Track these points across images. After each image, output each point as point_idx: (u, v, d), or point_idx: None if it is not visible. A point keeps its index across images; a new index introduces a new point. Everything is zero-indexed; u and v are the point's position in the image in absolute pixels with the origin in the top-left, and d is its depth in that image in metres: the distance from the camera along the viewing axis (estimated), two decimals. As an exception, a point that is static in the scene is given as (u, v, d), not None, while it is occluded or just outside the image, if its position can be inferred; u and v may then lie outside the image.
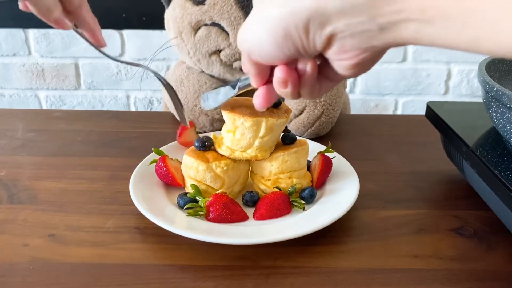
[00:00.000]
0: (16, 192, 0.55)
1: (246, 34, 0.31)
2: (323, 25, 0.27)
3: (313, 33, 0.27)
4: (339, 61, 0.29)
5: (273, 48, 0.30)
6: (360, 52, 0.28)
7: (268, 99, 0.35)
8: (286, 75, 0.32)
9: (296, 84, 0.32)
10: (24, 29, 1.23)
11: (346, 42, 0.27)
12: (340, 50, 0.28)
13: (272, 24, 0.28)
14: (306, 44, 0.28)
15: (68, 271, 0.43)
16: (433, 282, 0.42)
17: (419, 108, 1.34)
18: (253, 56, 0.32)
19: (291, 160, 0.51)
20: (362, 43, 0.27)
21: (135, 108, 1.34)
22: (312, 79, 0.32)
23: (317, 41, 0.28)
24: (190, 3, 0.69)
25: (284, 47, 0.29)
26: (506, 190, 0.42)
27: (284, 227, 0.47)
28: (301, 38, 0.28)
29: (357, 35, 0.26)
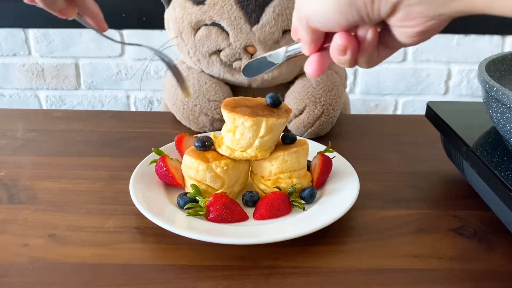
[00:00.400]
0: (16, 192, 0.55)
1: (306, 2, 0.31)
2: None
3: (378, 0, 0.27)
4: (403, 28, 0.28)
5: (336, 15, 0.29)
6: (427, 20, 0.27)
7: (322, 66, 0.34)
8: (346, 41, 0.31)
9: (355, 52, 0.32)
10: (24, 29, 1.23)
11: (413, 9, 0.26)
12: (406, 17, 0.27)
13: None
14: (370, 11, 0.28)
15: (68, 271, 0.43)
16: (433, 282, 0.42)
17: (419, 108, 1.34)
18: (312, 23, 0.31)
19: (291, 160, 0.51)
20: (430, 10, 0.26)
21: (135, 108, 1.34)
22: (372, 46, 0.31)
23: (382, 7, 0.27)
24: (190, 3, 0.69)
25: (348, 13, 0.28)
26: (506, 190, 0.42)
27: (284, 227, 0.47)
28: (366, 5, 0.27)
29: (426, 2, 0.25)
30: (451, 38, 1.25)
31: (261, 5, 0.67)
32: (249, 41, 0.68)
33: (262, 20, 0.67)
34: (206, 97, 0.70)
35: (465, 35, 1.25)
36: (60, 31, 1.23)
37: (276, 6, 0.67)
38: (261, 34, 0.68)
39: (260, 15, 0.67)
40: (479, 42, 1.26)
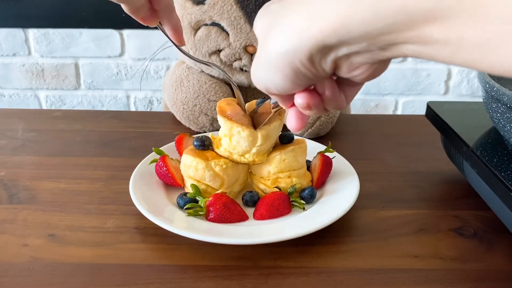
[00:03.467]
0: (16, 192, 0.55)
1: (257, 76, 0.32)
2: (326, 54, 0.27)
3: (318, 62, 0.28)
4: (352, 77, 0.30)
5: (286, 84, 0.30)
6: (369, 66, 0.28)
7: (301, 119, 0.35)
8: (307, 100, 0.32)
9: (319, 105, 0.33)
10: (24, 29, 1.23)
11: (353, 61, 0.28)
12: (349, 69, 0.29)
13: (278, 64, 0.29)
14: (315, 72, 0.29)
15: (68, 271, 0.42)
16: (433, 282, 0.42)
17: (419, 108, 1.34)
18: (271, 91, 0.32)
19: (289, 158, 0.51)
20: (368, 60, 0.27)
21: (135, 108, 1.34)
22: (334, 95, 0.32)
23: (324, 67, 0.28)
24: (190, 3, 0.69)
25: (296, 80, 0.30)
26: (506, 190, 0.42)
27: (284, 227, 0.47)
28: (309, 69, 0.28)
29: (361, 54, 0.27)
30: (451, 38, 1.25)
31: (261, 4, 0.67)
32: (249, 41, 0.68)
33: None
34: (206, 97, 0.70)
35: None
36: (60, 31, 1.23)
37: (276, 6, 0.67)
38: (261, 34, 0.67)
39: (260, 15, 0.67)
40: (479, 42, 1.25)
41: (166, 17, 0.46)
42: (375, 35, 0.24)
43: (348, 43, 0.26)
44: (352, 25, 0.24)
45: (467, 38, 0.21)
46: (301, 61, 0.28)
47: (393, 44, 0.25)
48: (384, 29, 0.24)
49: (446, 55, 0.23)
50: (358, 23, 0.24)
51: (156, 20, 0.46)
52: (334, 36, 0.25)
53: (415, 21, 0.22)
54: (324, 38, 0.26)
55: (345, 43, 0.26)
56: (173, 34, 0.47)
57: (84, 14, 1.21)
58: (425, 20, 0.22)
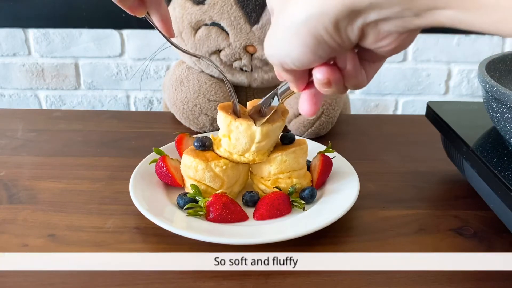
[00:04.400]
0: (16, 192, 0.55)
1: (273, 48, 0.29)
2: (354, 19, 0.25)
3: (344, 29, 0.26)
4: (378, 48, 0.28)
5: (306, 55, 0.28)
6: (397, 36, 0.26)
7: (315, 103, 0.33)
8: (327, 75, 0.29)
9: (339, 81, 0.30)
10: (24, 29, 1.23)
11: (381, 29, 0.26)
12: (377, 38, 0.27)
13: (299, 31, 0.26)
14: (340, 41, 0.27)
15: (68, 271, 0.42)
16: (433, 282, 0.42)
17: (419, 108, 1.34)
18: (287, 66, 0.30)
19: (290, 160, 0.51)
20: (398, 28, 0.25)
21: (135, 108, 1.34)
22: (355, 71, 0.30)
23: (350, 35, 0.26)
24: (190, 3, 0.69)
25: (318, 50, 0.27)
26: (506, 190, 0.42)
27: (284, 227, 0.47)
28: (333, 38, 0.26)
29: (391, 21, 0.25)
30: (452, 38, 1.25)
31: (261, 5, 0.67)
32: (249, 41, 0.68)
33: (262, 20, 0.67)
34: (206, 97, 0.70)
35: (466, 35, 1.25)
36: (60, 31, 1.23)
37: (276, 6, 0.67)
38: (261, 34, 0.68)
39: (260, 15, 0.67)
40: (479, 42, 1.26)
41: (154, 7, 0.45)
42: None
43: (380, 6, 0.24)
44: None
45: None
46: (325, 28, 0.25)
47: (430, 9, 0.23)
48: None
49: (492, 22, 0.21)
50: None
51: (144, 10, 0.45)
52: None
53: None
54: (354, 1, 0.24)
55: (377, 6, 0.24)
56: (162, 25, 0.46)
57: (84, 14, 1.20)
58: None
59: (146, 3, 0.45)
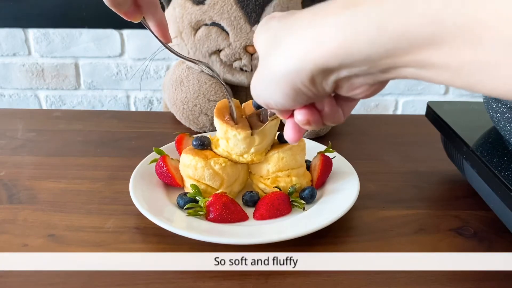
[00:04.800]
0: (16, 192, 0.55)
1: (258, 91, 0.32)
2: (327, 75, 0.28)
3: (319, 83, 0.28)
4: (352, 95, 0.30)
5: (287, 101, 0.31)
6: (369, 86, 0.29)
7: (298, 131, 0.36)
8: (306, 116, 0.32)
9: (318, 120, 0.33)
10: (24, 29, 1.23)
11: (353, 82, 0.28)
12: (350, 88, 0.29)
13: (279, 83, 0.29)
14: (316, 92, 0.29)
15: (68, 271, 0.42)
16: (433, 282, 0.42)
17: (419, 108, 1.34)
18: (271, 107, 0.33)
19: (287, 157, 0.51)
20: (368, 81, 0.28)
21: (135, 108, 1.34)
22: (332, 112, 0.33)
23: (326, 87, 0.29)
24: (190, 2, 0.69)
25: (297, 98, 0.30)
26: (506, 190, 0.42)
27: (284, 227, 0.47)
28: (310, 90, 0.29)
29: (361, 77, 0.27)
30: (451, 38, 1.25)
31: (261, 5, 0.67)
32: (249, 41, 0.68)
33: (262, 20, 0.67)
34: (206, 97, 0.70)
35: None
36: (60, 31, 1.23)
37: (276, 6, 0.67)
38: (261, 34, 0.67)
39: (260, 15, 0.67)
40: (479, 42, 1.25)
41: (150, 13, 0.45)
42: (376, 59, 0.25)
43: (349, 66, 0.26)
44: (353, 49, 0.25)
45: (466, 63, 0.22)
46: (302, 82, 0.28)
47: (393, 68, 0.25)
48: (384, 53, 0.24)
49: (445, 78, 0.24)
50: (359, 47, 0.24)
51: (139, 16, 0.45)
52: (335, 59, 0.26)
53: (415, 46, 0.23)
54: (326, 61, 0.26)
55: (347, 66, 0.26)
56: (158, 30, 0.47)
57: (84, 14, 1.20)
58: (424, 45, 0.22)
59: (142, 8, 0.45)
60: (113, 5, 0.43)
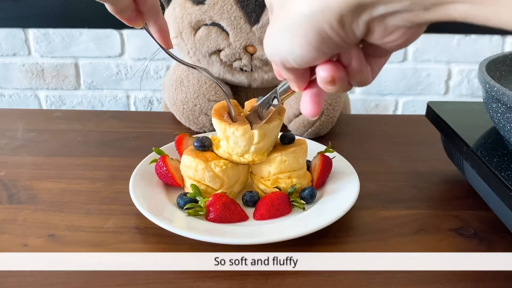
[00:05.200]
0: (16, 192, 0.55)
1: (274, 46, 0.28)
2: (359, 14, 0.24)
3: (349, 24, 0.25)
4: (384, 43, 0.27)
5: (309, 52, 0.27)
6: (405, 31, 0.25)
7: (318, 103, 0.32)
8: (331, 72, 0.28)
9: (344, 78, 0.29)
10: (24, 29, 1.23)
11: (388, 24, 0.25)
12: (383, 33, 0.25)
13: (302, 28, 0.25)
14: (345, 37, 0.25)
15: (68, 271, 0.42)
16: (433, 282, 0.42)
17: (419, 108, 1.34)
18: (288, 64, 0.29)
19: (290, 160, 0.51)
20: (406, 22, 0.24)
21: (135, 108, 1.34)
22: (360, 67, 0.29)
23: (356, 30, 0.25)
24: (190, 2, 0.69)
25: (322, 47, 0.26)
26: (507, 190, 0.42)
27: (284, 227, 0.47)
28: (338, 34, 0.25)
29: (399, 15, 0.24)
30: (452, 38, 1.25)
31: (261, 4, 0.67)
32: (249, 41, 0.68)
33: (262, 20, 0.67)
34: (206, 97, 0.70)
35: (466, 35, 1.25)
36: (60, 31, 1.23)
37: (276, 6, 0.67)
38: (261, 34, 0.68)
39: (260, 15, 0.67)
40: (479, 42, 1.26)
41: (152, 19, 0.45)
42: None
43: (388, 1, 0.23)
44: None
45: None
46: (329, 24, 0.24)
47: (441, 3, 0.22)
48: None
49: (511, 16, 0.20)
50: None
51: (141, 22, 0.45)
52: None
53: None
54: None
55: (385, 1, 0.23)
56: (159, 36, 0.46)
57: (84, 14, 1.21)
58: None
59: (144, 14, 0.45)
60: (115, 11, 0.43)
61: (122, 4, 0.42)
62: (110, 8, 0.43)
